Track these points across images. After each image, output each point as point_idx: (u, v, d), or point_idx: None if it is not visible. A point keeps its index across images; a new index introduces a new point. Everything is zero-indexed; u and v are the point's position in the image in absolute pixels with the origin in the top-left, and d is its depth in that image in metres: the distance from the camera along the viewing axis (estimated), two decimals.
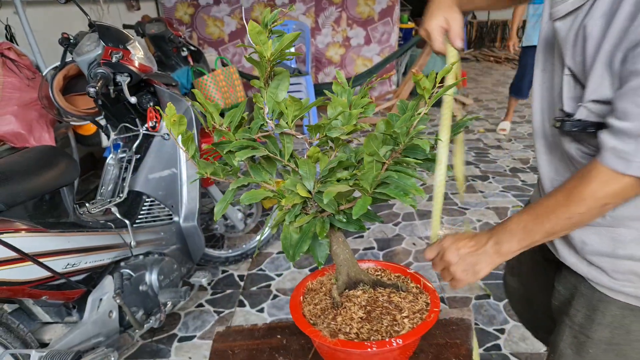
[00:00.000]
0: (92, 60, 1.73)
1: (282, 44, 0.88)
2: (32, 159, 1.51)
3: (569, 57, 0.79)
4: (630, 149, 0.69)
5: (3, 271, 1.31)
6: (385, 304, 0.96)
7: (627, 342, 0.92)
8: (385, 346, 0.84)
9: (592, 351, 0.95)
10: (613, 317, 0.92)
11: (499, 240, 0.88)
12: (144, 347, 2.04)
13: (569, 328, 0.99)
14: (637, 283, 0.87)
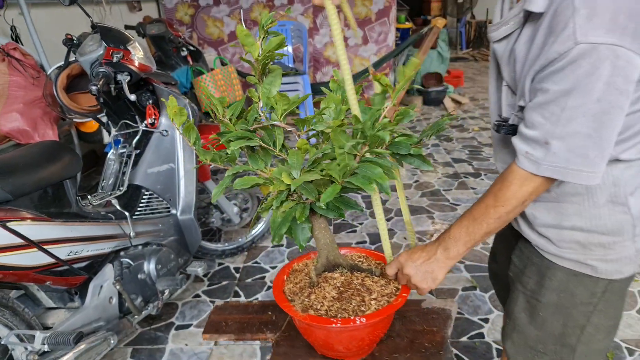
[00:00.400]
0: (94, 60, 1.82)
1: (269, 47, 0.97)
2: (38, 152, 1.60)
3: (505, 72, 0.94)
4: (539, 154, 0.83)
5: (10, 256, 1.41)
6: (357, 287, 1.05)
7: (572, 304, 1.02)
8: (349, 323, 0.93)
9: (542, 314, 1.06)
10: (559, 281, 1.02)
11: (447, 246, 1.01)
12: (142, 335, 2.13)
13: (522, 294, 1.10)
14: (578, 250, 0.98)
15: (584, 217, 0.96)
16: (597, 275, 0.99)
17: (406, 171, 3.93)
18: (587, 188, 0.94)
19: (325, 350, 1.07)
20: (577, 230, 0.97)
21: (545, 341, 1.09)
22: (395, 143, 1.02)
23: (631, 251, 0.97)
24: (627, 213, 0.94)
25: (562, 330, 1.05)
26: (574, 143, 0.80)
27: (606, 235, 0.96)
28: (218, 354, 2.00)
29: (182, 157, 2.12)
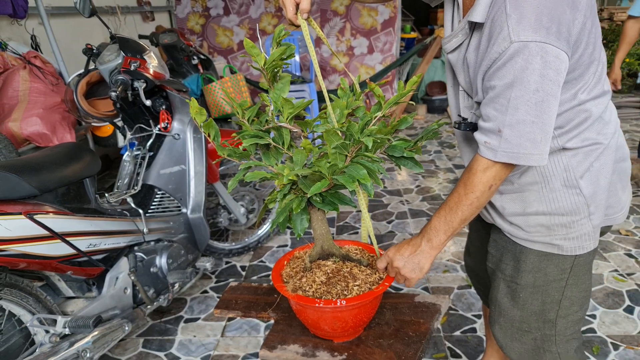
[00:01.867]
0: (114, 68, 1.97)
1: (273, 56, 1.11)
2: (62, 152, 1.75)
3: (460, 78, 1.09)
4: (495, 142, 0.95)
5: (36, 246, 1.54)
6: (345, 274, 1.16)
7: (546, 282, 1.15)
8: (330, 304, 1.05)
9: (522, 295, 1.19)
10: (532, 263, 1.15)
11: (429, 237, 1.10)
12: (153, 327, 2.26)
13: (502, 281, 1.22)
14: (544, 232, 1.12)
15: (543, 202, 1.09)
16: (563, 253, 1.12)
17: (408, 176, 4.05)
18: (544, 176, 1.07)
19: (314, 329, 1.18)
20: (540, 214, 1.11)
21: (528, 320, 1.21)
22: (391, 146, 1.14)
23: (589, 228, 1.10)
24: (580, 194, 1.08)
25: (542, 307, 1.18)
26: (521, 129, 0.92)
27: (565, 215, 1.09)
28: (224, 344, 2.12)
29: (193, 159, 2.26)
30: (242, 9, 5.91)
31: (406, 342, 1.19)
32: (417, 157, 1.15)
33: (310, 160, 1.14)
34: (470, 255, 1.54)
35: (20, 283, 1.58)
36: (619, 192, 1.16)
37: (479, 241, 1.44)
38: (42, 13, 3.05)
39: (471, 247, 1.52)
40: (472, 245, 1.51)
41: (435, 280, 2.49)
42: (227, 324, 2.26)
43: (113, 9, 4.44)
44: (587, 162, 1.06)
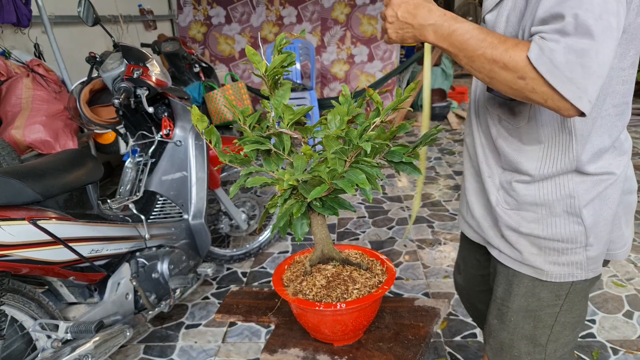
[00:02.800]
0: (117, 76, 1.99)
1: (274, 64, 1.13)
2: (65, 159, 1.77)
3: None
4: (549, 44, 0.77)
5: (39, 252, 1.55)
6: (345, 278, 1.18)
7: (539, 307, 1.10)
8: (330, 307, 1.06)
9: (513, 319, 1.14)
10: (526, 287, 1.11)
11: (446, 16, 0.91)
12: (154, 333, 2.27)
13: (494, 302, 1.20)
14: (535, 253, 1.07)
15: (541, 224, 1.04)
16: (548, 279, 1.07)
17: (408, 182, 4.06)
18: (546, 198, 1.02)
19: (315, 333, 1.19)
20: (534, 236, 1.06)
21: (518, 344, 1.16)
22: (390, 152, 1.16)
23: (581, 257, 1.05)
24: (581, 224, 1.02)
25: (533, 332, 1.13)
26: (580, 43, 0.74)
27: (560, 242, 1.04)
28: (225, 350, 2.12)
29: (194, 165, 2.28)
30: (244, 17, 5.97)
31: (405, 346, 1.20)
32: (417, 163, 1.17)
33: (310, 165, 1.16)
34: (460, 273, 1.51)
35: (23, 288, 1.59)
36: (622, 226, 1.09)
37: (469, 264, 1.42)
38: (46, 22, 3.09)
39: (461, 265, 1.48)
40: (463, 264, 1.47)
41: (436, 285, 2.50)
42: (228, 329, 2.26)
43: (116, 18, 4.48)
44: (594, 191, 1.00)
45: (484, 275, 1.38)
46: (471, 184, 1.23)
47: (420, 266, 2.71)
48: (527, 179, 1.04)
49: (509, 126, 1.04)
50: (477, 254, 1.36)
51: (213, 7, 5.94)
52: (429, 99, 1.37)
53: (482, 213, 1.19)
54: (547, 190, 1.02)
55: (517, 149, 1.04)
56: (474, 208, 1.21)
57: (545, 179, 1.02)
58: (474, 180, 1.22)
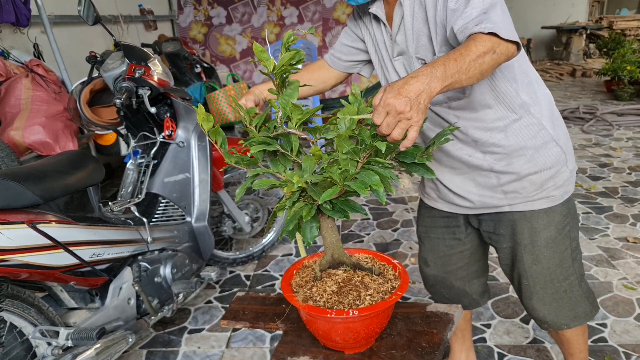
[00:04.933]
0: (118, 75, 1.95)
1: (282, 61, 1.08)
2: (65, 161, 1.72)
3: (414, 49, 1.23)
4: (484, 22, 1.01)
5: (38, 256, 1.51)
6: (356, 283, 1.13)
7: (557, 232, 1.32)
8: (342, 315, 1.01)
9: (546, 253, 1.33)
10: (543, 220, 1.31)
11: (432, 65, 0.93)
12: (157, 338, 2.22)
13: (524, 251, 1.34)
14: (538, 189, 1.28)
15: (532, 162, 1.25)
16: (555, 203, 1.29)
17: (412, 184, 4.02)
18: (526, 139, 1.25)
19: (325, 341, 1.15)
20: (532, 174, 1.26)
21: (556, 275, 1.35)
22: (402, 152, 1.12)
23: (567, 173, 1.30)
24: (557, 146, 1.27)
25: (561, 256, 1.34)
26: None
27: (550, 169, 1.26)
28: (229, 356, 2.08)
29: (197, 167, 2.23)
30: (245, 17, 5.93)
31: (419, 354, 1.16)
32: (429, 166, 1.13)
33: (319, 167, 1.12)
34: (429, 265, 1.59)
35: (22, 294, 1.55)
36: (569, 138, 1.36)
37: (443, 248, 1.53)
38: (45, 21, 3.05)
39: (429, 257, 1.57)
40: (432, 255, 1.57)
41: None
42: (232, 334, 2.22)
43: (116, 18, 4.45)
44: (549, 115, 1.27)
45: (463, 250, 1.51)
46: (451, 177, 1.37)
47: None
48: (501, 134, 1.25)
49: (461, 104, 1.24)
50: (457, 233, 1.49)
51: (214, 7, 5.90)
52: None
53: (477, 192, 1.33)
54: (522, 131, 1.24)
55: (478, 117, 1.25)
56: (467, 195, 1.36)
57: (514, 124, 1.24)
58: (452, 173, 1.37)
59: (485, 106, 1.24)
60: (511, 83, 1.23)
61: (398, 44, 1.25)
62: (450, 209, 1.45)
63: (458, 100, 1.25)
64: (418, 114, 0.89)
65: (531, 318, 1.50)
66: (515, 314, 2.22)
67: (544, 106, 1.28)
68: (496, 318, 2.20)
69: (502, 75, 1.22)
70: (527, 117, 1.25)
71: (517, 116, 1.24)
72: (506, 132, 1.25)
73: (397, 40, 1.25)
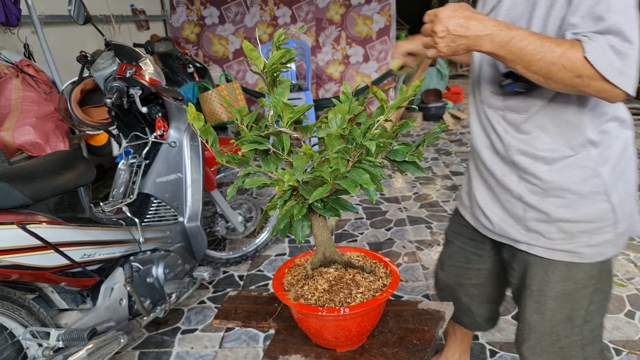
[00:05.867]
0: (109, 75, 1.94)
1: (272, 60, 1.08)
2: (55, 161, 1.71)
3: None
4: (592, 42, 0.87)
5: (28, 257, 1.50)
6: (348, 281, 1.13)
7: (575, 290, 1.14)
8: (333, 312, 1.02)
9: (552, 306, 1.17)
10: (561, 272, 1.14)
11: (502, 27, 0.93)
12: (149, 339, 2.21)
13: (529, 297, 1.19)
14: (567, 240, 1.10)
15: (569, 208, 1.07)
16: (582, 261, 1.11)
17: (406, 183, 4.03)
18: (571, 183, 1.05)
19: (317, 339, 1.15)
20: (565, 221, 1.09)
21: (557, 329, 1.19)
22: (393, 151, 1.12)
23: (611, 235, 1.09)
24: (608, 201, 1.06)
25: (570, 314, 1.17)
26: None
27: (591, 223, 1.08)
28: (223, 356, 2.07)
29: (189, 167, 2.22)
30: (238, 17, 5.92)
31: (411, 351, 1.16)
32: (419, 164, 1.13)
33: (310, 166, 1.12)
34: (444, 270, 1.51)
35: (12, 295, 1.54)
36: (637, 198, 1.14)
37: (461, 259, 1.43)
38: (35, 21, 3.03)
39: (447, 262, 1.49)
40: (449, 261, 1.48)
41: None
42: (225, 334, 2.21)
43: (107, 18, 4.42)
44: (615, 169, 1.05)
45: (480, 269, 1.40)
46: (482, 190, 1.27)
47: (420, 267, 2.67)
48: (546, 167, 1.08)
49: (516, 118, 1.09)
50: (481, 251, 1.36)
51: (206, 7, 5.88)
52: None
53: (501, 215, 1.20)
54: (572, 171, 1.06)
55: (527, 140, 1.09)
56: (490, 214, 1.23)
57: (564, 160, 1.07)
58: (484, 186, 1.25)
59: (541, 131, 1.07)
60: (583, 115, 1.03)
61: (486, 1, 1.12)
62: (473, 223, 1.35)
63: (515, 114, 1.10)
64: (444, 47, 0.96)
65: None
66: (507, 311, 2.23)
67: (613, 151, 1.06)
68: None
69: (577, 102, 1.03)
70: (584, 157, 1.05)
71: (572, 153, 1.06)
72: (552, 166, 1.08)
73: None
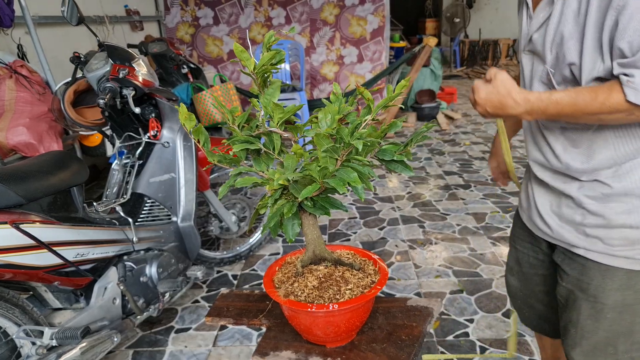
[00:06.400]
0: (102, 76, 1.95)
1: (262, 61, 1.11)
2: (49, 161, 1.72)
3: (549, 57, 1.04)
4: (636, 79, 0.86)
5: (22, 256, 1.51)
6: (337, 278, 1.15)
7: (637, 300, 1.08)
8: (323, 309, 1.04)
9: (610, 316, 1.10)
10: (620, 280, 1.07)
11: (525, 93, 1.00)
12: (143, 338, 2.22)
13: (584, 301, 1.13)
14: (627, 247, 1.05)
15: (632, 214, 1.03)
16: None
17: (399, 183, 4.06)
18: (635, 188, 1.02)
19: (307, 335, 1.17)
20: (626, 227, 1.04)
21: (615, 342, 1.12)
22: (382, 150, 1.14)
23: None
24: None
25: (631, 327, 1.10)
26: None
27: None
28: (216, 354, 2.08)
29: (183, 167, 2.24)
30: (232, 18, 5.93)
31: (399, 346, 1.18)
32: (407, 163, 1.15)
33: (301, 165, 1.14)
34: (514, 275, 1.43)
35: (6, 294, 1.55)
36: None
37: (526, 264, 1.36)
38: (29, 22, 3.02)
39: (515, 267, 1.41)
40: (517, 267, 1.40)
41: (427, 285, 2.49)
42: (218, 333, 2.23)
43: (101, 19, 4.42)
44: None
45: (545, 275, 1.33)
46: (540, 194, 1.22)
47: (412, 266, 2.70)
48: (609, 172, 1.05)
49: (575, 133, 1.07)
50: (540, 255, 1.31)
51: (201, 8, 5.89)
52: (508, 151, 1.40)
53: (559, 221, 1.16)
54: (634, 178, 1.02)
55: (587, 153, 1.06)
56: (548, 218, 1.19)
57: (627, 166, 1.03)
58: (542, 190, 1.21)
59: (602, 141, 1.04)
60: None
61: (532, 41, 1.08)
62: (530, 225, 1.29)
63: (573, 130, 1.07)
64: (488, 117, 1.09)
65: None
66: (498, 308, 2.26)
67: None
68: (479, 313, 2.24)
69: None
70: None
71: (635, 157, 1.03)
72: (615, 172, 1.04)
73: (533, 38, 1.07)
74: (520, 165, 4.21)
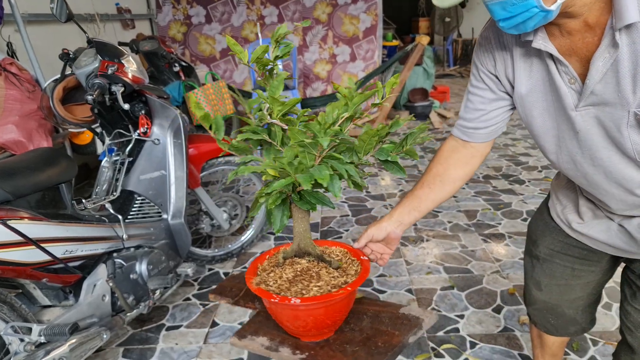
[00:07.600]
0: (90, 72, 1.94)
1: (256, 54, 1.12)
2: (37, 157, 1.71)
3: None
4: None
5: (9, 253, 1.50)
6: (312, 274, 1.15)
7: None
8: (284, 301, 1.04)
9: None
10: None
11: None
12: (134, 336, 2.21)
13: None
14: None
15: None
16: None
17: (391, 181, 4.07)
18: None
19: (281, 325, 1.17)
20: None
21: None
22: (380, 150, 1.15)
23: None
24: None
25: None
26: None
27: None
28: (207, 351, 2.08)
29: (173, 164, 2.23)
30: (224, 17, 5.92)
31: (371, 352, 1.14)
32: (401, 162, 1.16)
33: None
34: (542, 290, 1.40)
35: None
36: None
37: (566, 276, 1.33)
38: (18, 20, 3.01)
39: (545, 282, 1.38)
40: (550, 280, 1.37)
41: (419, 282, 2.50)
42: (210, 330, 2.23)
43: (92, 17, 4.40)
44: None
45: (589, 282, 1.31)
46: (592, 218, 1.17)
47: (404, 263, 2.71)
48: None
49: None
50: (592, 266, 1.29)
51: (193, 6, 5.88)
52: None
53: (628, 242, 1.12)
54: None
55: None
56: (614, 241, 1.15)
57: None
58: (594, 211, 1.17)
59: None
60: None
61: (595, 94, 0.93)
62: (597, 246, 1.21)
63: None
64: None
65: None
66: (488, 304, 2.28)
67: None
68: (469, 309, 2.25)
69: None
70: None
71: None
72: None
73: (596, 90, 0.93)
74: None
